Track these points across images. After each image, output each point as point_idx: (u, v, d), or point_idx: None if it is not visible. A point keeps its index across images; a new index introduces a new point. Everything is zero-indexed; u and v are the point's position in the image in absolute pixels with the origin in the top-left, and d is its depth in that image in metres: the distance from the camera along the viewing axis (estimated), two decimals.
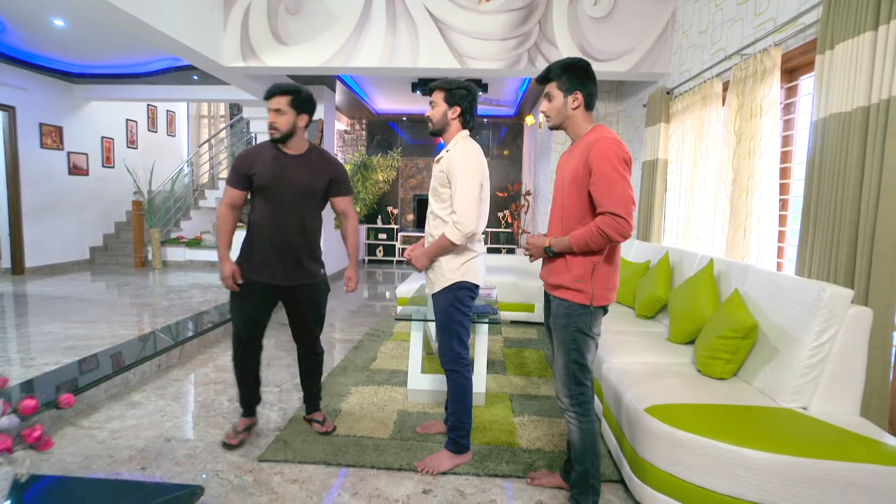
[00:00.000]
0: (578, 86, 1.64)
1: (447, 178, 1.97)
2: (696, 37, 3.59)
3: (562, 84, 1.66)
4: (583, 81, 1.65)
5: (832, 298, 1.64)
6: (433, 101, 2.02)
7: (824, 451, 1.45)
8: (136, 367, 2.93)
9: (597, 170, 1.53)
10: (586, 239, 1.56)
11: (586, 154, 1.57)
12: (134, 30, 3.53)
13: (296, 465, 2.07)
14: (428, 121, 2.05)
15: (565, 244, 1.62)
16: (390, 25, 4.21)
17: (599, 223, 1.52)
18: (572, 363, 1.66)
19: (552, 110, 1.70)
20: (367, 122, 9.71)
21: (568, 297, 1.65)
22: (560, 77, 1.66)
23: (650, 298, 2.89)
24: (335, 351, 3.70)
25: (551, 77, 1.68)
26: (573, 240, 1.59)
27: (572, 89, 1.65)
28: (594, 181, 1.54)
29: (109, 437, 2.26)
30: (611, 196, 1.50)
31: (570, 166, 1.66)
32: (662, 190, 3.90)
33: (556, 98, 1.68)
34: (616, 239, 1.53)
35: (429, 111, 2.05)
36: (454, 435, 2.06)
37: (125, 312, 4.32)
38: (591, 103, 1.68)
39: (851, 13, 1.88)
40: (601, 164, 1.52)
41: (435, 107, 2.02)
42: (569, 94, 1.65)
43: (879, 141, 1.74)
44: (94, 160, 7.25)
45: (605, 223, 1.51)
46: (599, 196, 1.53)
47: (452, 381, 2.06)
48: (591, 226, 1.55)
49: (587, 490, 1.70)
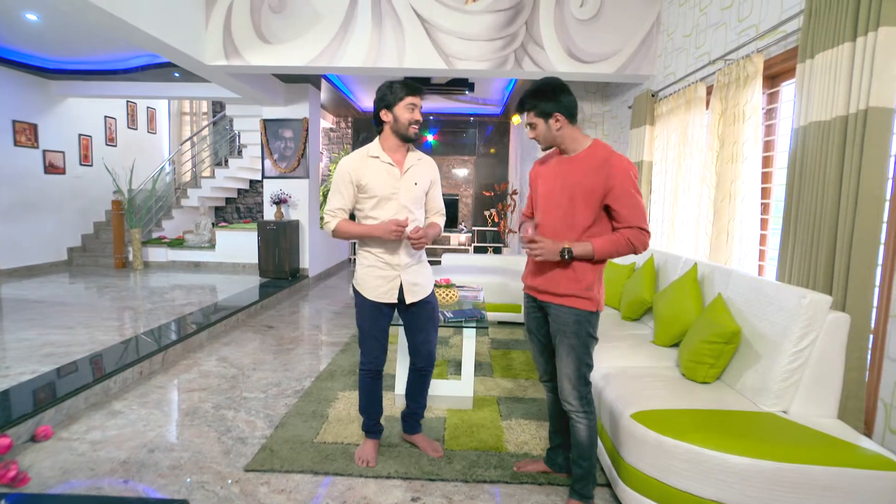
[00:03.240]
0: (555, 108, 1.66)
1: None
2: (680, 40, 3.62)
3: (539, 112, 1.68)
4: (558, 101, 1.66)
5: (812, 305, 1.68)
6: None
7: (804, 456, 1.48)
8: (117, 374, 2.87)
9: (619, 187, 1.62)
10: (613, 249, 1.65)
11: (605, 172, 1.63)
12: (111, 27, 3.44)
13: (283, 474, 2.05)
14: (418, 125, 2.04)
15: (587, 251, 1.65)
16: (376, 25, 4.18)
17: (630, 236, 1.64)
18: (584, 366, 1.74)
19: (539, 136, 1.74)
20: (353, 120, 9.63)
21: (578, 305, 1.71)
22: (535, 107, 1.68)
23: (635, 301, 2.92)
24: (321, 354, 3.68)
25: (526, 108, 1.71)
26: (597, 247, 1.65)
27: (550, 112, 1.67)
28: (617, 197, 1.63)
29: (90, 448, 2.21)
30: (636, 212, 1.63)
31: (576, 179, 1.68)
32: (647, 192, 3.94)
33: (538, 125, 1.71)
34: (640, 251, 1.66)
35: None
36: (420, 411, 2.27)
37: (105, 316, 4.23)
38: (573, 116, 1.70)
39: (831, 24, 1.92)
40: (624, 183, 1.62)
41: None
42: (548, 118, 1.68)
43: (857, 150, 1.78)
44: (71, 158, 7.08)
45: (635, 236, 1.63)
46: (626, 212, 1.63)
47: (429, 379, 2.25)
48: (618, 237, 1.65)
49: (590, 481, 1.80)
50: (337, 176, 2.00)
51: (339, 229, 2.01)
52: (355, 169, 1.97)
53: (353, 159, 2.00)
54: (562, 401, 1.79)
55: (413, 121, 1.95)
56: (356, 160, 1.99)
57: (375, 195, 1.97)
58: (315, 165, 6.94)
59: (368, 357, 2.09)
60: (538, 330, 1.92)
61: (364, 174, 1.97)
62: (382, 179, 1.97)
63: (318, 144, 7.04)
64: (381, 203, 1.98)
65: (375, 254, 2.02)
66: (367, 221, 2.01)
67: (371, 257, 2.03)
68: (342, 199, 2.00)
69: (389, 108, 1.96)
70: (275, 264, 6.31)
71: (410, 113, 1.94)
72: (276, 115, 6.56)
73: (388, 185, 1.98)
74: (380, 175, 1.97)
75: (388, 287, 2.02)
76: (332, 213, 2.02)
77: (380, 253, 2.01)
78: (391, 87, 1.94)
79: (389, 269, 2.02)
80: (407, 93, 1.92)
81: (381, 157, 1.99)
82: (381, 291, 2.02)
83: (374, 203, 1.99)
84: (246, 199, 9.58)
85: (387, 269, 2.02)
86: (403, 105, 1.93)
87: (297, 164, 6.59)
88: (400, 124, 1.95)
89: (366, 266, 2.04)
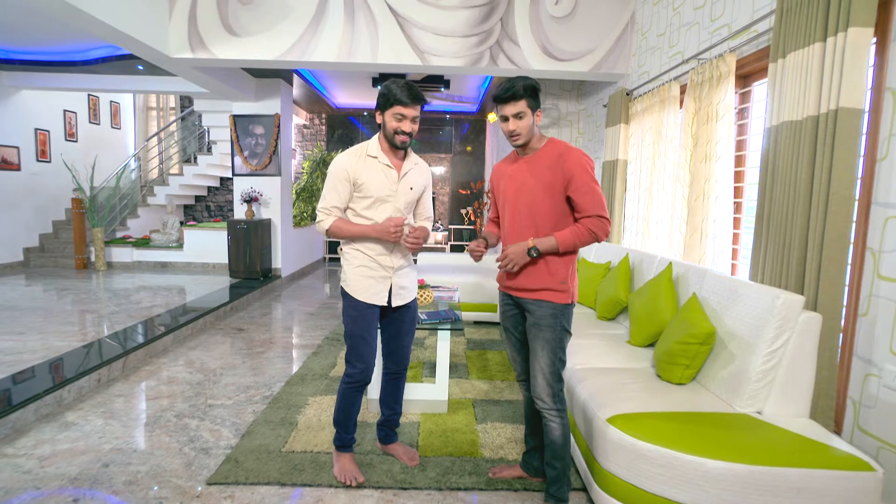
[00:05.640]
0: (539, 104, 1.75)
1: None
2: (654, 39, 3.63)
3: (529, 103, 1.71)
4: (539, 99, 1.75)
5: (785, 305, 1.67)
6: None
7: (778, 459, 1.47)
8: (71, 382, 2.70)
9: (577, 178, 1.67)
10: (575, 239, 1.68)
11: (561, 165, 1.68)
12: (63, 14, 3.23)
13: (248, 486, 1.95)
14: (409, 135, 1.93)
15: (552, 244, 1.69)
16: (349, 19, 4.06)
17: (589, 224, 1.67)
18: (558, 361, 1.74)
19: (525, 128, 1.73)
20: (327, 116, 9.45)
21: (553, 298, 1.72)
22: (527, 96, 1.70)
23: (611, 300, 2.91)
24: (293, 357, 3.56)
25: (520, 96, 1.69)
26: (560, 240, 1.68)
27: (536, 107, 1.73)
28: (576, 188, 1.67)
29: (37, 465, 2.06)
30: (594, 201, 1.67)
31: (535, 176, 1.74)
32: (622, 190, 3.95)
33: (527, 116, 1.71)
34: (602, 238, 1.70)
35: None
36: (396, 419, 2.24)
37: (62, 321, 4.01)
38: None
39: (802, 24, 1.92)
40: (581, 174, 1.67)
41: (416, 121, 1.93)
42: (534, 111, 1.73)
43: (828, 150, 1.79)
44: (26, 154, 6.72)
45: (594, 224, 1.67)
46: (583, 202, 1.67)
47: (404, 381, 2.23)
48: (579, 227, 1.68)
49: (565, 483, 1.78)
50: (333, 172, 1.91)
51: (333, 229, 1.92)
52: (353, 167, 1.89)
53: (351, 157, 1.91)
54: (535, 398, 1.77)
55: (399, 130, 1.85)
56: (354, 158, 1.91)
57: (371, 196, 1.90)
58: (287, 163, 6.76)
59: (360, 366, 1.96)
60: (515, 328, 1.90)
61: (362, 173, 1.89)
62: (380, 181, 1.90)
63: (290, 141, 6.86)
64: (376, 205, 1.91)
65: (368, 254, 1.94)
66: (358, 221, 1.94)
67: (362, 257, 1.94)
68: (338, 196, 1.91)
69: (381, 111, 1.89)
70: (246, 264, 6.13)
71: (397, 122, 1.85)
72: (246, 111, 6.36)
73: (386, 187, 1.91)
74: (377, 176, 1.90)
75: (378, 288, 1.95)
76: (327, 210, 1.93)
77: (374, 254, 1.94)
78: (388, 89, 1.84)
79: (381, 269, 1.95)
80: (396, 101, 1.82)
81: (379, 158, 1.92)
82: (373, 292, 1.94)
83: (369, 204, 1.91)
84: (216, 197, 9.30)
85: (378, 270, 1.95)
86: (391, 113, 1.85)
87: (268, 161, 6.40)
88: (386, 131, 1.89)
89: (355, 266, 1.95)
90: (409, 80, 1.86)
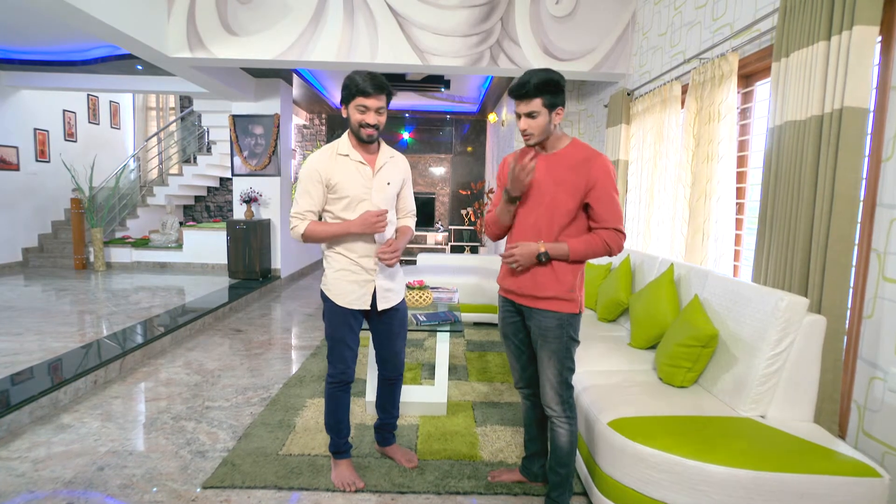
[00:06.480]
0: (561, 101, 1.61)
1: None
2: (655, 39, 3.61)
3: (546, 102, 1.59)
4: (562, 95, 1.61)
5: (789, 308, 1.65)
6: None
7: (782, 464, 1.45)
8: (67, 384, 2.68)
9: (601, 187, 1.60)
10: (588, 250, 1.63)
11: (587, 170, 1.61)
12: (62, 14, 3.21)
13: (244, 490, 1.93)
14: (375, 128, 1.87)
15: (563, 252, 1.62)
16: (348, 18, 4.04)
17: (606, 237, 1.62)
18: (566, 370, 1.70)
19: (537, 128, 1.62)
20: (327, 116, 9.44)
21: (560, 308, 1.66)
22: (543, 96, 1.58)
23: (612, 302, 2.89)
24: (291, 359, 3.54)
25: (532, 95, 1.59)
26: (573, 249, 1.62)
27: (556, 105, 1.61)
28: (598, 197, 1.61)
29: (31, 468, 2.04)
30: (614, 212, 1.62)
31: (553, 176, 1.65)
32: (623, 191, 3.93)
33: (541, 115, 1.60)
34: (616, 253, 1.64)
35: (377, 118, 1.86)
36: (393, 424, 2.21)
37: (60, 321, 3.99)
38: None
39: (806, 22, 1.90)
40: (606, 184, 1.60)
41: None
42: (553, 110, 1.61)
43: (833, 151, 1.76)
44: (25, 154, 6.70)
45: (611, 238, 1.62)
46: (603, 211, 1.61)
47: (400, 386, 2.18)
48: (594, 238, 1.63)
49: (567, 489, 1.74)
50: (304, 175, 1.84)
51: (308, 232, 1.85)
52: (324, 167, 1.82)
53: (322, 157, 1.84)
54: (544, 406, 1.73)
55: (363, 123, 1.78)
56: (325, 158, 1.84)
57: (346, 195, 1.83)
58: (287, 163, 6.74)
59: (338, 368, 1.93)
60: (515, 335, 1.84)
61: (334, 173, 1.82)
62: (353, 179, 1.84)
63: (290, 141, 6.84)
64: (353, 204, 1.85)
65: (349, 256, 1.88)
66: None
67: (343, 260, 1.89)
68: (311, 200, 1.85)
69: (345, 104, 1.83)
70: (245, 265, 6.11)
71: (361, 115, 1.77)
72: (245, 111, 6.34)
73: (360, 185, 1.84)
74: (350, 174, 1.83)
75: (361, 292, 1.89)
76: (301, 215, 1.86)
77: (356, 256, 1.88)
78: (351, 80, 1.76)
79: (364, 272, 1.89)
80: (358, 92, 1.74)
81: (350, 156, 1.85)
82: (354, 297, 1.89)
83: (345, 204, 1.85)
84: (216, 198, 9.28)
85: (361, 273, 1.88)
86: (354, 105, 1.78)
87: (268, 161, 6.38)
88: (351, 124, 1.82)
89: (336, 269, 1.89)
90: (374, 72, 1.77)
